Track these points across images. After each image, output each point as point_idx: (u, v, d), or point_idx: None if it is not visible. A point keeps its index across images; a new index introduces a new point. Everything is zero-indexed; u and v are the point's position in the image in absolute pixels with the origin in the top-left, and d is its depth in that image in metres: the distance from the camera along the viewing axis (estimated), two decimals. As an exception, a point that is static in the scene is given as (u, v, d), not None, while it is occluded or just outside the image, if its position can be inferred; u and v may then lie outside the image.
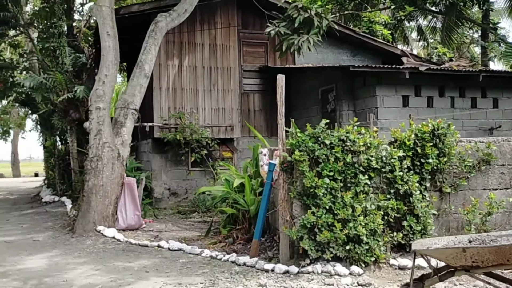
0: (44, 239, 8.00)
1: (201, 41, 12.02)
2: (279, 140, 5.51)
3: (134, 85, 9.09)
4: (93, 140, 8.41)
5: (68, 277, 5.44)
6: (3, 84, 16.64)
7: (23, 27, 15.15)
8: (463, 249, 3.28)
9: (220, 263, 5.90)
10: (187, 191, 11.80)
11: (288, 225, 5.35)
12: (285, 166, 5.40)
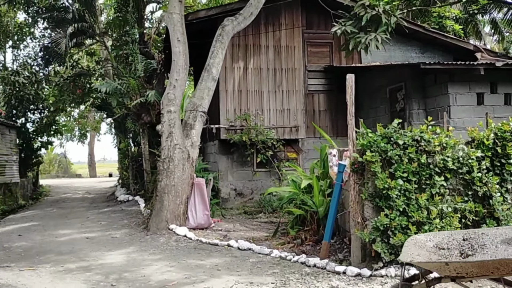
0: (121, 236, 8.46)
1: (266, 43, 12.14)
2: (349, 141, 5.44)
3: (202, 89, 9.35)
4: (165, 142, 8.76)
5: (145, 273, 5.70)
6: (81, 90, 17.78)
7: (98, 36, 16.07)
8: (445, 263, 3.26)
9: (290, 263, 5.93)
10: (252, 191, 11.94)
11: (359, 227, 5.26)
12: (355, 167, 5.32)
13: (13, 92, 17.70)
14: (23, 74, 17.83)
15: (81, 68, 18.95)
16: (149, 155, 13.49)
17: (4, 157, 16.06)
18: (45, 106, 19.51)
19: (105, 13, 19.63)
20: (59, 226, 10.09)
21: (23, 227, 10.27)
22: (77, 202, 15.92)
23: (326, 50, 12.64)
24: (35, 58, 19.83)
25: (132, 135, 16.22)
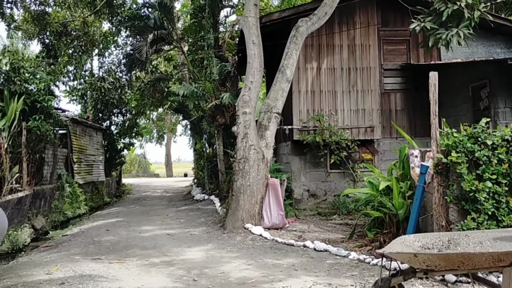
0: (199, 233, 8.77)
1: (340, 42, 11.99)
2: (432, 141, 5.24)
3: (276, 90, 9.44)
4: (240, 143, 8.95)
5: (224, 270, 5.87)
6: (160, 94, 18.68)
7: (176, 42, 16.78)
8: (414, 255, 3.52)
9: (369, 266, 5.81)
10: (326, 192, 11.83)
11: (443, 231, 5.05)
12: (439, 168, 5.11)
13: (99, 97, 19.00)
14: (108, 80, 19.10)
15: (160, 73, 19.92)
16: (223, 156, 13.85)
17: (92, 157, 17.27)
18: (127, 110, 20.73)
19: (181, 20, 20.43)
20: (142, 223, 10.66)
21: (109, 223, 10.97)
22: (156, 200, 16.72)
23: (403, 47, 12.25)
24: (118, 65, 21.16)
25: (207, 137, 16.74)
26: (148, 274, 5.77)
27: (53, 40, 18.77)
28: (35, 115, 11.12)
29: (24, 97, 10.84)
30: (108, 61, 22.30)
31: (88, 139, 17.00)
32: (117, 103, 19.54)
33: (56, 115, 12.37)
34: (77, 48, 20.30)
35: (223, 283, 5.31)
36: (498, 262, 3.29)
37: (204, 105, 13.25)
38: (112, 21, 19.69)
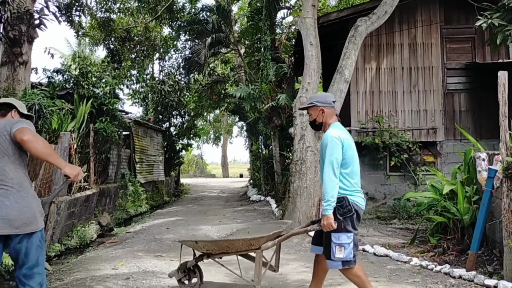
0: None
1: (400, 41, 11.67)
2: (501, 144, 4.97)
3: (334, 91, 9.32)
4: (297, 144, 8.93)
5: (282, 271, 5.87)
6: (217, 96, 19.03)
7: (233, 44, 17.03)
8: (195, 242, 4.46)
9: (432, 273, 5.61)
10: (385, 196, 11.54)
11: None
12: (509, 172, 4.83)
13: (160, 99, 19.67)
14: (168, 83, 19.74)
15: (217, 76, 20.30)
16: (279, 157, 13.88)
17: (153, 158, 17.91)
18: (186, 112, 21.30)
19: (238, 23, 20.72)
20: (200, 222, 10.91)
21: (169, 221, 11.32)
22: (213, 200, 17.05)
23: (468, 46, 11.71)
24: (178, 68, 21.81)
25: (263, 138, 16.85)
26: (207, 272, 5.88)
27: (117, 46, 19.66)
28: (101, 117, 11.69)
29: (92, 100, 11.43)
30: (168, 64, 23.06)
31: (149, 140, 17.66)
32: (176, 105, 20.14)
33: (120, 117, 12.95)
34: (139, 52, 21.14)
35: (281, 284, 5.33)
36: (250, 246, 4.24)
37: (261, 106, 13.35)
38: (172, 26, 20.33)
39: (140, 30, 20.61)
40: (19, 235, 3.00)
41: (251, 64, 16.86)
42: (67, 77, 12.25)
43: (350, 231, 3.68)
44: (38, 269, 3.05)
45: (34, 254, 3.04)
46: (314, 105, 4.01)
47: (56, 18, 11.17)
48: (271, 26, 14.65)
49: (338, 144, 3.70)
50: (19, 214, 2.99)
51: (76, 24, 14.53)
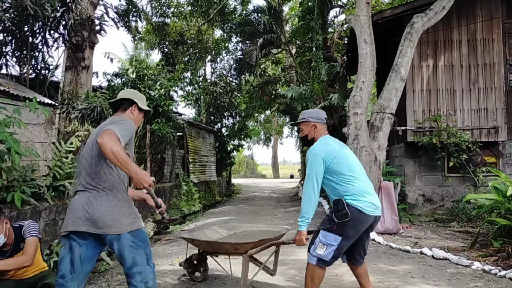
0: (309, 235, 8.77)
1: (458, 37, 11.20)
2: None
3: (389, 89, 9.12)
4: (351, 144, 8.79)
5: (337, 273, 5.81)
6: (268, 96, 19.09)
7: (284, 44, 17.05)
8: (192, 240, 4.74)
9: (495, 278, 5.34)
10: (443, 198, 11.11)
11: None
12: None
13: (212, 100, 20.01)
14: (219, 84, 20.03)
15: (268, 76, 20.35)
16: (332, 158, 13.71)
17: (205, 158, 18.25)
18: (237, 112, 21.53)
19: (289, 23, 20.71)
20: (252, 221, 10.98)
21: (221, 220, 11.48)
22: (265, 201, 17.12)
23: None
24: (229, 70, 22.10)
25: (314, 138, 16.71)
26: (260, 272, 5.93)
27: (171, 49, 20.23)
28: (157, 118, 12.07)
29: (148, 102, 11.82)
30: (220, 66, 23.43)
31: (201, 141, 18.01)
32: (227, 106, 20.41)
33: (175, 118, 13.31)
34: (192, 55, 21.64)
35: (337, 285, 5.27)
36: (237, 250, 4.38)
37: (312, 106, 13.25)
38: (223, 28, 20.66)
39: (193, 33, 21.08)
40: (107, 236, 3.09)
41: (302, 64, 16.79)
42: (125, 80, 12.75)
43: (340, 235, 3.63)
44: (138, 269, 3.11)
45: (128, 255, 3.10)
46: (306, 120, 3.99)
47: (115, 23, 11.66)
48: (323, 25, 14.52)
49: (316, 157, 3.70)
50: (101, 216, 3.07)
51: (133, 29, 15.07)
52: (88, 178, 3.18)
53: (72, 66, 10.31)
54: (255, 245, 4.35)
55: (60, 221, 6.45)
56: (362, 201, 3.64)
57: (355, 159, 3.94)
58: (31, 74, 8.99)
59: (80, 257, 3.13)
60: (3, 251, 3.66)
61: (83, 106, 8.37)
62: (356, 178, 3.73)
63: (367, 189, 3.76)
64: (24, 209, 5.49)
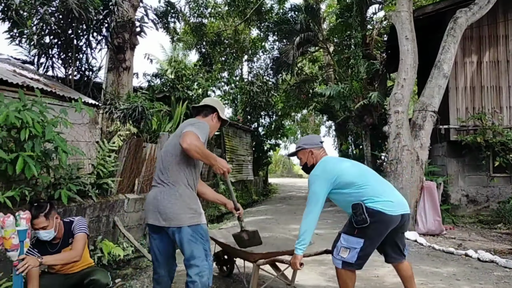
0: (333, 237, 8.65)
1: (505, 32, 10.77)
2: None
3: (432, 87, 8.87)
4: (392, 143, 8.61)
5: (378, 274, 5.71)
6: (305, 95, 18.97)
7: (321, 42, 16.89)
8: (213, 239, 4.65)
9: (548, 283, 5.11)
10: (488, 199, 10.72)
11: None
12: None
13: (248, 100, 20.07)
14: (256, 83, 20.07)
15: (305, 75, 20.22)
16: (371, 157, 13.47)
17: (242, 157, 18.33)
18: (274, 112, 21.51)
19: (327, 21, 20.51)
20: (290, 221, 10.95)
21: (259, 220, 11.50)
22: (302, 200, 17.01)
23: None
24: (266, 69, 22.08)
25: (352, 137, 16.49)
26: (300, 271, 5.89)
27: (209, 49, 20.43)
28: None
29: (186, 102, 11.98)
30: (256, 65, 23.44)
31: (238, 140, 18.10)
32: (264, 105, 20.41)
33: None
34: (229, 55, 21.77)
35: (378, 286, 5.17)
36: (247, 258, 4.45)
37: (351, 105, 13.07)
38: (260, 28, 20.68)
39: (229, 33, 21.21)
40: (170, 228, 3.32)
41: (340, 62, 16.57)
42: (164, 81, 12.97)
43: (362, 238, 3.54)
44: (195, 261, 3.28)
45: (187, 247, 3.29)
46: (302, 148, 3.99)
47: (155, 25, 11.87)
48: (362, 22, 14.28)
49: (317, 179, 3.67)
50: (164, 209, 3.30)
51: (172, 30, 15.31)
52: (159, 174, 3.46)
53: (114, 68, 10.57)
54: (263, 257, 4.36)
55: (103, 218, 6.64)
56: (381, 202, 3.55)
57: (359, 165, 3.90)
58: (76, 75, 9.28)
59: (158, 249, 3.50)
60: (53, 244, 3.80)
61: (125, 106, 8.57)
62: (368, 181, 3.66)
63: (384, 188, 3.69)
64: (70, 206, 5.67)
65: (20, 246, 3.16)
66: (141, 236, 7.87)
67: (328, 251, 4.46)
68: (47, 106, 4.82)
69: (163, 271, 3.54)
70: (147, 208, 3.46)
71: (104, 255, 6.12)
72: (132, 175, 7.85)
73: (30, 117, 4.34)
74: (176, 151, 3.41)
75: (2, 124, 4.27)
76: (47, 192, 5.33)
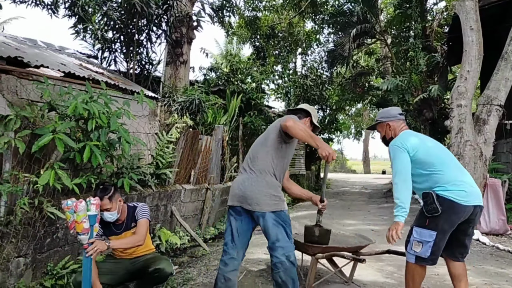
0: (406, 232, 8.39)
1: None
2: None
3: (498, 79, 8.40)
4: (454, 138, 8.26)
5: (439, 272, 5.51)
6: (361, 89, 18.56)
7: (379, 34, 16.44)
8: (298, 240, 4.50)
9: None
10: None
11: None
12: None
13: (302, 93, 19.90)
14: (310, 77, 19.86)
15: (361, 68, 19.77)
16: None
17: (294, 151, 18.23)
18: (327, 106, 21.22)
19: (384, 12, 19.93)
20: (344, 216, 10.81)
21: (311, 214, 11.42)
22: (355, 196, 16.74)
23: None
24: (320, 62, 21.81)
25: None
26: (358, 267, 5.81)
27: (262, 43, 20.45)
28: (249, 111, 12.30)
29: (241, 95, 12.09)
30: (310, 59, 23.20)
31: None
32: (317, 99, 20.14)
33: (266, 111, 13.47)
34: (283, 48, 21.69)
35: (439, 285, 5.00)
36: (307, 250, 4.52)
37: (410, 99, 12.64)
38: (315, 20, 20.43)
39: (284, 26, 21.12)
40: (255, 212, 3.54)
41: (398, 54, 16.06)
42: (219, 74, 13.15)
43: (434, 230, 3.45)
44: (280, 244, 3.47)
45: (272, 231, 3.49)
46: (379, 122, 4.01)
47: (211, 19, 12.06)
48: (422, 13, 13.76)
49: (398, 150, 3.63)
50: (251, 194, 3.54)
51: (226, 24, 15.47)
52: (248, 162, 3.72)
53: (172, 61, 10.86)
54: (323, 251, 4.39)
55: (161, 207, 6.86)
56: (454, 191, 3.45)
57: (442, 148, 3.80)
58: (136, 69, 9.62)
59: (237, 230, 3.65)
60: (117, 225, 3.98)
61: (183, 99, 8.78)
62: (445, 166, 3.57)
63: (460, 177, 3.57)
64: (131, 194, 5.90)
65: (90, 230, 3.33)
66: (197, 226, 8.07)
67: (390, 251, 4.40)
68: (111, 98, 5.03)
69: (235, 253, 3.66)
70: (233, 192, 3.69)
71: (162, 242, 6.33)
72: (189, 166, 8.04)
73: (96, 108, 4.54)
74: (267, 142, 3.68)
75: (71, 115, 4.50)
76: (111, 180, 5.57)
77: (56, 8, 9.07)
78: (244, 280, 5.10)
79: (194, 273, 5.42)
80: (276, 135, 3.65)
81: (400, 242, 3.91)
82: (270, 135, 3.68)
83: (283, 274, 3.47)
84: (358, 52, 20.65)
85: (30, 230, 4.12)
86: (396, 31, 16.34)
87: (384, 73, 18.62)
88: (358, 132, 37.22)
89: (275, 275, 3.52)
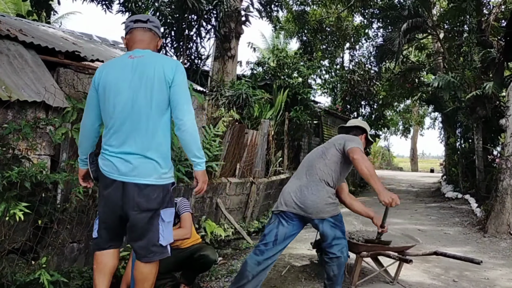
0: (454, 233, 8.18)
1: None
2: None
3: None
4: (510, 138, 7.90)
5: (489, 276, 5.33)
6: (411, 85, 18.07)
7: (431, 29, 15.91)
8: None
9: None
10: None
11: None
12: None
13: (349, 89, 19.65)
14: (357, 72, 19.56)
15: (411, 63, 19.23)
16: (482, 152, 12.48)
17: (340, 147, 18.03)
18: (375, 101, 20.82)
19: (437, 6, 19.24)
20: (390, 215, 10.37)
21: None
22: (402, 194, 16.34)
23: None
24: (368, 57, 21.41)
25: (462, 130, 15.38)
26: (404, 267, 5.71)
27: (310, 37, 20.30)
28: (295, 106, 12.28)
29: (287, 90, 12.08)
30: (358, 53, 22.82)
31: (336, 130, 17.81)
32: (365, 94, 19.80)
33: (312, 106, 13.39)
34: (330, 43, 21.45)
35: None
36: (352, 248, 4.48)
37: (462, 95, 12.16)
38: (364, 14, 20.05)
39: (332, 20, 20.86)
40: (315, 219, 3.76)
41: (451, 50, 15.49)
42: (266, 69, 13.20)
43: None
44: (337, 241, 3.75)
45: (330, 233, 3.76)
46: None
47: (259, 13, 12.11)
48: (477, 6, 13.17)
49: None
50: (312, 203, 3.73)
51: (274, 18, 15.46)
52: (307, 170, 3.91)
53: (220, 56, 11.00)
54: (367, 249, 4.44)
55: (207, 199, 7.01)
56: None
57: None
58: (186, 63, 9.82)
59: (284, 234, 3.79)
60: None
61: (230, 93, 8.89)
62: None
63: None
64: (179, 186, 6.06)
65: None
66: (241, 219, 8.18)
67: (438, 253, 4.32)
68: (162, 92, 5.16)
69: (271, 254, 3.77)
70: (287, 198, 3.83)
71: (207, 234, 6.47)
72: (234, 160, 8.15)
73: (148, 101, 4.68)
74: (326, 155, 3.89)
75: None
76: (160, 172, 5.74)
77: (110, 3, 9.41)
78: (288, 275, 5.14)
79: (238, 265, 5.51)
80: (337, 151, 3.87)
81: (448, 244, 3.81)
82: (330, 150, 3.90)
83: (336, 268, 3.74)
84: (409, 47, 20.08)
85: (84, 217, 4.33)
86: (449, 25, 15.74)
87: (435, 69, 18.00)
88: (406, 129, 36.25)
89: (328, 268, 3.77)
